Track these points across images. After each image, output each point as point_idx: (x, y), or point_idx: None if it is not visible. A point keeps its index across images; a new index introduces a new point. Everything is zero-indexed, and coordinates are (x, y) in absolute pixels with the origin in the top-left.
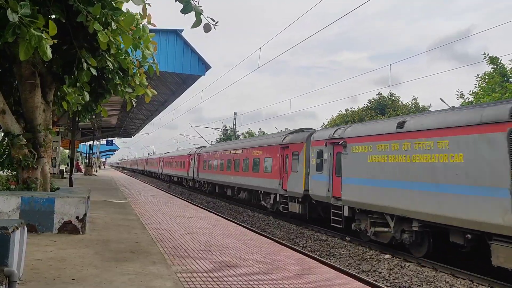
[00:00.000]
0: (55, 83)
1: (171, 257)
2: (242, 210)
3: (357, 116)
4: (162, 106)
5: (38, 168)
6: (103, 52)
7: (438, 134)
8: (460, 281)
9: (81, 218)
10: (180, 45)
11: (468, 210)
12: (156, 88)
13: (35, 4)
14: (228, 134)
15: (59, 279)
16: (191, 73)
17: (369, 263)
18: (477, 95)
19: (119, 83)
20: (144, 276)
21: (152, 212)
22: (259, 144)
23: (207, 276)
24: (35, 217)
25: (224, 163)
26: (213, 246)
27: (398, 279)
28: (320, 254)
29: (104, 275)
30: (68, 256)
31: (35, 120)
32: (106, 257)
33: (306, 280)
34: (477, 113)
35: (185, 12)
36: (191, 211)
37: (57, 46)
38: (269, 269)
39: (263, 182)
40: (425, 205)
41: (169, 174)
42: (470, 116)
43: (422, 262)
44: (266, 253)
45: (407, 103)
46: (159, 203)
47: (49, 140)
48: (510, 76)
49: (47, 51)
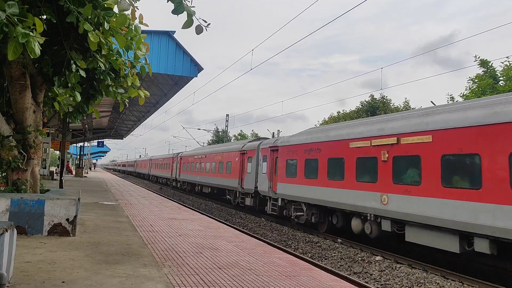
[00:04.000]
0: (45, 84)
1: (162, 259)
2: (234, 212)
3: (349, 118)
4: (154, 108)
5: (28, 170)
6: (94, 53)
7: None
8: (451, 283)
9: (72, 220)
10: (172, 47)
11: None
12: (148, 90)
13: (25, 3)
14: (220, 136)
15: (49, 282)
16: (183, 74)
17: (360, 265)
18: (468, 97)
19: (110, 84)
20: (135, 278)
21: (144, 214)
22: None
23: (198, 278)
24: (25, 219)
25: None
26: (205, 248)
27: (389, 281)
28: (312, 256)
29: (95, 278)
30: (58, 258)
31: (25, 121)
32: (96, 260)
33: (297, 282)
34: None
35: (177, 13)
36: (182, 213)
37: (47, 46)
38: (261, 271)
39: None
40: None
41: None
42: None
43: (413, 264)
44: (258, 255)
45: (398, 105)
46: (150, 205)
47: (39, 141)
48: (500, 79)
49: (35, 49)
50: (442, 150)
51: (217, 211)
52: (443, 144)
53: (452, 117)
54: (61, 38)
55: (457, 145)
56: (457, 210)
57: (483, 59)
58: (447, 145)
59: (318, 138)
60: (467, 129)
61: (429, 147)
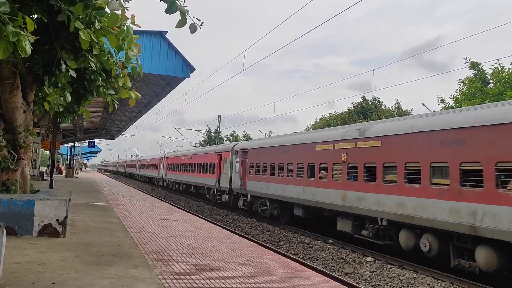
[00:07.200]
0: (36, 84)
1: (153, 261)
2: (225, 212)
3: (341, 119)
4: (145, 108)
5: (18, 170)
6: (86, 52)
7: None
8: (441, 283)
9: (62, 221)
10: (164, 47)
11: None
12: (140, 90)
13: (16, 2)
14: (212, 136)
15: (38, 283)
16: (175, 75)
17: (351, 265)
18: (458, 99)
19: (102, 85)
20: (126, 279)
21: (135, 215)
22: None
23: (190, 279)
24: (14, 220)
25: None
26: (196, 249)
27: (380, 282)
28: (304, 257)
29: (85, 279)
30: (48, 259)
31: (15, 121)
32: (87, 261)
33: (289, 283)
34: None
35: (170, 12)
36: (174, 214)
37: (38, 46)
38: (253, 272)
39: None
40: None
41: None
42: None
43: (404, 265)
44: (249, 256)
45: (390, 107)
46: (141, 205)
47: (29, 141)
48: (490, 81)
49: (26, 47)
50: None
51: (208, 211)
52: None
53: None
54: (51, 38)
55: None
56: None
57: (473, 61)
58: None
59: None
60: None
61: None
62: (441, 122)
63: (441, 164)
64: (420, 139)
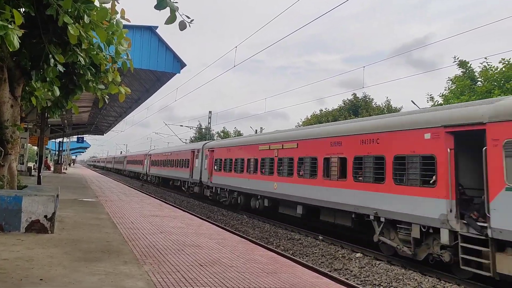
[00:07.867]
0: (23, 78)
1: (143, 257)
2: (216, 209)
3: (331, 116)
4: (135, 104)
5: (5, 166)
6: (74, 46)
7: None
8: (428, 279)
9: (50, 217)
10: (154, 42)
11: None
12: (129, 85)
13: None
14: (203, 133)
15: (26, 279)
16: (166, 70)
17: (341, 261)
18: (447, 97)
19: (90, 79)
20: (115, 276)
21: (124, 211)
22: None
23: (179, 275)
24: (1, 216)
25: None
26: (186, 245)
27: (368, 277)
28: (293, 253)
29: (73, 275)
30: (36, 256)
31: (2, 115)
32: (75, 257)
33: (279, 279)
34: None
35: (159, 8)
36: (164, 210)
37: (26, 40)
38: (243, 268)
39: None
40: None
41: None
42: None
43: (392, 261)
44: (239, 252)
45: (380, 104)
46: (131, 201)
47: (16, 136)
48: (479, 80)
49: (14, 41)
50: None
51: (198, 208)
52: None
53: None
54: (39, 32)
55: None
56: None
57: (462, 60)
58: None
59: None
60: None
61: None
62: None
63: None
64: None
